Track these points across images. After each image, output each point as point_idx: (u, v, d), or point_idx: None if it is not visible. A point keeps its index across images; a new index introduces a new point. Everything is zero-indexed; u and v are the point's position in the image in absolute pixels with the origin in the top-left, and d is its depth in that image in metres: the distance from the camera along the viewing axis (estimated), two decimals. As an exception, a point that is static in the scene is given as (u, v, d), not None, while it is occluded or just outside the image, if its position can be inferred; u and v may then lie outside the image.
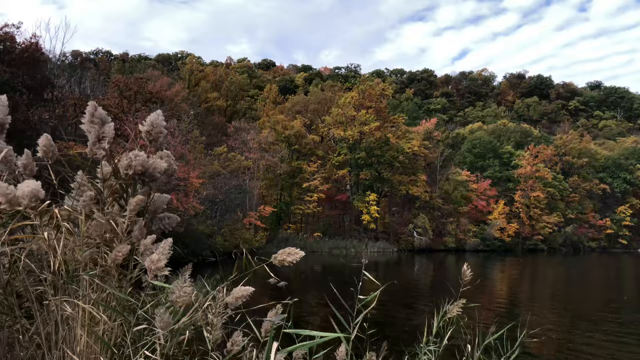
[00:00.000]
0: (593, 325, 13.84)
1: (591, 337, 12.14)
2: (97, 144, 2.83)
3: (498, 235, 68.76)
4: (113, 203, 2.95)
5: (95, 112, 2.87)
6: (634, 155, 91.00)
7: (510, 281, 29.71)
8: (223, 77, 71.71)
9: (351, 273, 33.50)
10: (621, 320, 15.09)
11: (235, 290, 2.93)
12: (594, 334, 12.60)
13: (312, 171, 58.42)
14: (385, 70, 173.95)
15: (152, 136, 2.97)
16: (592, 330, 13.03)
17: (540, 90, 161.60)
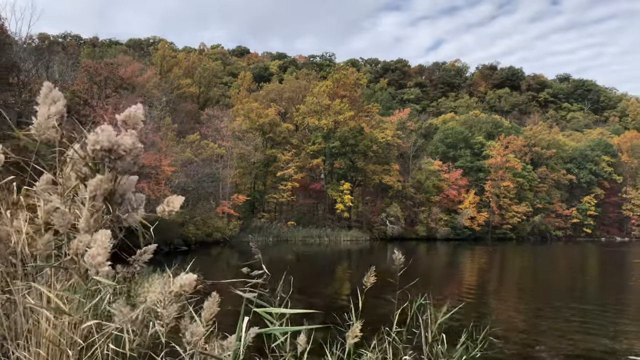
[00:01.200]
0: (557, 312, 14.31)
1: (555, 323, 12.57)
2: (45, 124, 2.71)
3: (468, 224, 70.05)
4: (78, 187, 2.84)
5: (50, 93, 2.79)
6: (599, 146, 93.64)
7: (479, 269, 30.39)
8: (196, 64, 70.66)
9: (324, 261, 33.78)
10: (584, 307, 15.65)
11: (178, 279, 2.84)
12: (557, 320, 13.04)
13: (286, 160, 58.32)
14: (360, 59, 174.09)
15: (128, 126, 2.88)
16: (556, 317, 13.48)
17: (512, 81, 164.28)
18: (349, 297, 16.36)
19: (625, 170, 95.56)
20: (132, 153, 2.79)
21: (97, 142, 2.66)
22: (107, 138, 2.66)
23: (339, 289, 18.93)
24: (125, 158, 2.76)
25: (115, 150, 2.69)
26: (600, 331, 11.52)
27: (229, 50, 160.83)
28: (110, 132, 2.68)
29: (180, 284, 2.80)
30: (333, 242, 54.22)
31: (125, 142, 2.74)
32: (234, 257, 34.17)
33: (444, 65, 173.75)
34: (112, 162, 2.75)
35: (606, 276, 27.49)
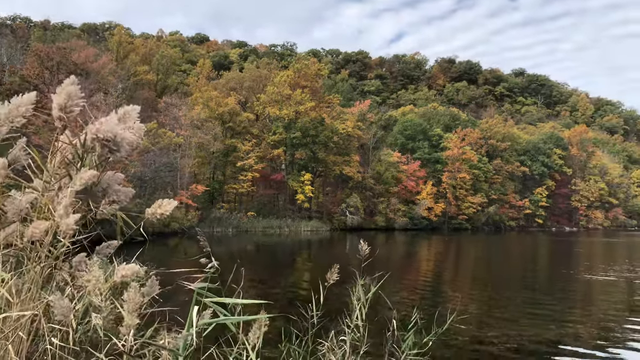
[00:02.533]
0: (508, 300, 14.85)
1: (507, 311, 13.04)
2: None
3: (426, 215, 71.49)
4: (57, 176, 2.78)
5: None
6: (551, 139, 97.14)
7: (436, 259, 31.11)
8: (154, 51, 68.85)
9: (285, 252, 33.81)
10: (534, 295, 16.29)
11: (120, 269, 2.78)
12: (509, 307, 13.53)
13: (246, 150, 57.81)
14: (321, 50, 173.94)
15: (65, 110, 2.77)
16: (507, 305, 13.98)
17: (469, 75, 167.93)
18: (309, 287, 16.45)
19: (575, 162, 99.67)
20: (132, 146, 2.81)
21: (98, 131, 2.63)
22: (110, 129, 2.66)
23: (298, 279, 19.01)
24: (122, 150, 2.76)
25: (116, 141, 2.68)
26: (548, 318, 12.03)
27: (188, 37, 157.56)
28: (114, 123, 2.67)
29: (122, 274, 2.75)
30: (293, 233, 54.31)
31: (127, 136, 2.78)
32: (192, 248, 33.76)
33: (404, 57, 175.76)
34: (110, 152, 2.75)
35: (555, 265, 28.65)
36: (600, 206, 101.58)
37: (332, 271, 4.31)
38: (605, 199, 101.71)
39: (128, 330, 2.58)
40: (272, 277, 18.75)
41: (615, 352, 8.90)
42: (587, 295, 16.17)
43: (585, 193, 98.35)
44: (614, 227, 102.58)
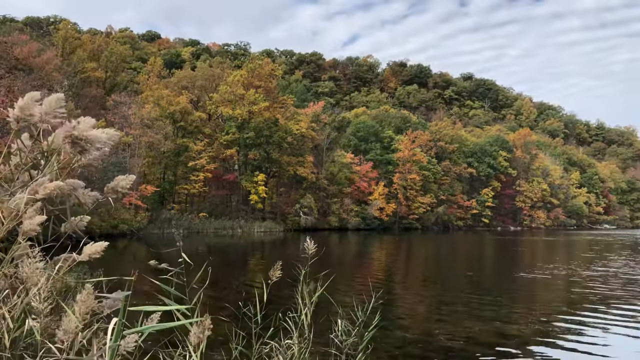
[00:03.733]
0: (455, 298, 15.36)
1: (454, 309, 13.50)
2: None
3: (378, 215, 72.63)
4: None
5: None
6: (497, 142, 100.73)
7: (387, 258, 31.70)
8: (102, 47, 66.57)
9: (237, 253, 33.56)
10: (480, 293, 16.92)
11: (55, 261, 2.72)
12: (456, 306, 14.00)
13: (198, 150, 56.92)
14: (275, 50, 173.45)
15: (21, 120, 2.74)
16: (455, 303, 14.47)
17: (420, 78, 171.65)
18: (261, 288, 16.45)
19: (519, 164, 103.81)
20: (104, 147, 2.79)
21: (74, 130, 2.60)
22: (85, 129, 2.64)
23: (251, 280, 18.97)
24: (94, 152, 2.75)
25: (89, 141, 2.65)
26: (493, 315, 12.55)
27: (138, 34, 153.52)
28: (91, 124, 2.66)
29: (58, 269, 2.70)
30: (246, 234, 53.94)
31: (102, 137, 2.76)
32: (141, 250, 32.97)
33: (357, 60, 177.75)
34: (82, 153, 2.71)
35: (500, 264, 29.79)
36: (542, 206, 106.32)
37: (274, 268, 4.41)
38: (547, 200, 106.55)
39: (68, 336, 2.45)
40: (224, 279, 18.61)
41: (554, 346, 9.41)
42: (529, 292, 16.94)
43: (528, 194, 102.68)
44: (555, 226, 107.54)
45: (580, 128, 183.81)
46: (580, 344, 9.49)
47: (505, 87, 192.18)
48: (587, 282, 18.63)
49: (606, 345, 9.49)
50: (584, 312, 12.79)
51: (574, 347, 9.31)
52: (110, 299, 2.76)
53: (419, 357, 8.64)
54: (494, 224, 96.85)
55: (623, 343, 9.69)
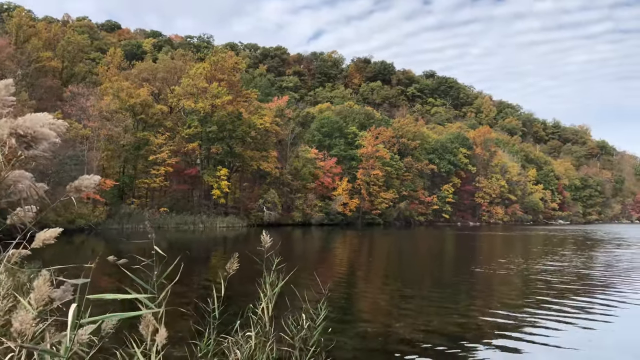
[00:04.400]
0: (416, 291, 15.63)
1: (414, 303, 13.75)
2: None
3: (341, 210, 73.12)
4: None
5: None
6: (457, 139, 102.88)
7: (350, 253, 31.96)
8: (59, 36, 64.29)
9: (199, 249, 33.15)
10: (440, 286, 17.28)
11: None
12: (416, 299, 14.26)
13: (159, 143, 55.86)
14: (239, 43, 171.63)
15: None
16: (415, 296, 14.72)
17: (384, 75, 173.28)
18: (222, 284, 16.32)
19: (479, 161, 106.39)
20: (49, 142, 2.68)
21: (18, 127, 2.50)
22: (31, 125, 2.54)
23: (213, 276, 18.77)
24: (40, 146, 2.64)
25: (36, 139, 2.56)
26: (452, 308, 12.84)
27: (97, 24, 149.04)
28: (39, 122, 2.56)
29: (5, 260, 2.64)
30: (208, 229, 53.33)
31: (51, 134, 2.70)
32: (99, 245, 32.17)
33: (322, 55, 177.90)
34: (27, 149, 2.64)
35: (459, 259, 30.48)
36: (500, 202, 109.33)
37: (231, 261, 4.42)
38: (505, 196, 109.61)
39: (28, 327, 2.35)
40: (185, 274, 18.37)
41: (511, 337, 9.72)
42: (486, 285, 17.41)
43: (487, 190, 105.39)
44: (512, 221, 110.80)
45: (537, 126, 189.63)
46: (535, 336, 9.82)
47: (466, 85, 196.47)
48: (541, 276, 19.29)
49: (560, 336, 9.86)
50: (539, 304, 13.25)
51: (530, 338, 9.63)
52: (67, 284, 2.70)
53: (380, 350, 8.76)
54: (454, 219, 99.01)
55: (576, 334, 10.09)
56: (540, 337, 9.68)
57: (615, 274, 19.80)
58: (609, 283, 17.34)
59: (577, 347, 9.16)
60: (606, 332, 10.33)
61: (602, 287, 16.36)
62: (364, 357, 8.35)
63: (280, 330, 5.48)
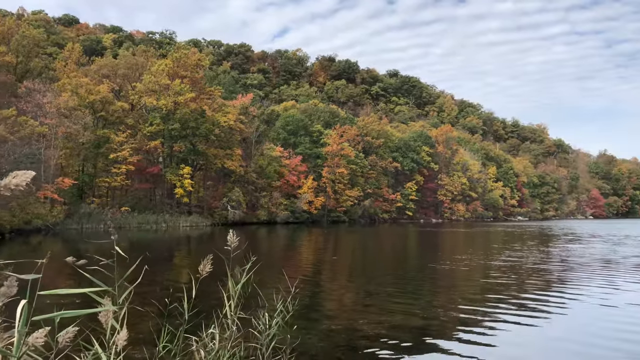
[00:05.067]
0: (380, 288, 15.84)
1: (378, 298, 13.94)
2: None
3: (306, 208, 73.23)
4: None
5: None
6: (420, 138, 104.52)
7: (315, 251, 32.07)
8: (13, 30, 61.92)
9: (162, 248, 32.62)
10: (403, 282, 17.56)
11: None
12: (380, 295, 14.46)
13: (120, 141, 54.60)
14: (203, 40, 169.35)
15: None
16: (379, 293, 14.92)
17: (348, 74, 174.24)
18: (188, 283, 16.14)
19: (441, 159, 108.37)
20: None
21: None
22: None
23: (176, 276, 18.54)
24: None
25: None
26: (415, 304, 13.09)
27: (54, 18, 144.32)
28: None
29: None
30: (172, 228, 52.53)
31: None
32: (57, 245, 31.24)
33: (286, 53, 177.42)
34: None
35: (422, 255, 31.03)
36: (462, 199, 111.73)
37: (204, 263, 4.40)
38: (466, 193, 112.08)
39: None
40: (147, 275, 18.07)
41: (471, 331, 9.98)
42: (448, 281, 17.80)
43: (449, 187, 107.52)
44: (474, 218, 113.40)
45: (497, 125, 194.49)
46: (494, 330, 10.13)
47: (429, 84, 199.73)
48: (499, 271, 19.86)
49: (518, 330, 10.21)
50: (498, 299, 13.65)
51: (489, 332, 9.93)
52: (12, 278, 2.62)
53: (344, 346, 8.86)
54: (417, 216, 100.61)
55: (532, 327, 10.46)
56: (499, 331, 10.00)
57: (567, 268, 20.61)
58: (562, 277, 18.05)
59: (532, 339, 9.51)
60: (558, 323, 10.76)
61: (555, 281, 17.02)
62: (329, 353, 8.43)
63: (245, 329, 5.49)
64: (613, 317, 11.19)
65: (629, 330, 9.98)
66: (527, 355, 8.58)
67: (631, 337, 9.36)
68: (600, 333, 9.91)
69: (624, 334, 9.74)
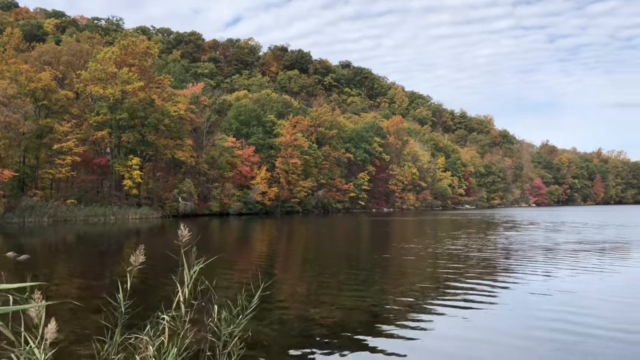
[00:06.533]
0: (333, 276, 16.11)
1: (330, 286, 14.18)
2: None
3: (260, 199, 72.90)
4: None
5: None
6: (372, 129, 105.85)
7: (269, 242, 32.11)
8: (-57, 11, 58.27)
9: (110, 242, 31.78)
10: (355, 270, 17.91)
11: None
12: (332, 283, 14.71)
13: (65, 131, 52.54)
14: (152, 27, 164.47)
15: None
16: (332, 281, 15.17)
17: (301, 64, 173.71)
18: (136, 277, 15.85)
19: (392, 150, 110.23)
20: None
21: None
22: None
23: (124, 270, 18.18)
24: None
25: None
26: (366, 291, 13.42)
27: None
28: None
29: None
30: (120, 221, 51.17)
31: None
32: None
33: (238, 42, 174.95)
34: None
35: (374, 244, 31.63)
36: (412, 189, 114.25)
37: (136, 254, 4.39)
38: (416, 183, 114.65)
39: None
40: (94, 269, 17.62)
41: (420, 319, 10.37)
42: (398, 269, 18.30)
43: (400, 177, 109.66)
44: (423, 207, 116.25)
45: (446, 116, 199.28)
46: (443, 315, 10.56)
47: (380, 76, 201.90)
48: (445, 258, 20.58)
49: (465, 315, 10.68)
50: (445, 285, 14.20)
51: (436, 317, 10.34)
52: None
53: (296, 336, 9.02)
54: (369, 206, 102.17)
55: (479, 311, 10.97)
56: (445, 316, 10.44)
57: (502, 256, 21.65)
58: (497, 265, 18.95)
59: (480, 323, 9.99)
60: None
61: (491, 269, 17.86)
62: (281, 344, 8.57)
63: (196, 322, 5.53)
64: (543, 305, 11.80)
65: (559, 319, 10.56)
66: (457, 346, 9.00)
67: (561, 326, 9.89)
68: (532, 324, 10.47)
69: (555, 323, 10.33)
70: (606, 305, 11.61)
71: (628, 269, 17.60)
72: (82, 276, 15.89)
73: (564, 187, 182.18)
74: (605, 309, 11.20)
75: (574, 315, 10.45)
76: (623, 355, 7.91)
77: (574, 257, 20.50)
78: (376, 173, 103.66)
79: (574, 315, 10.46)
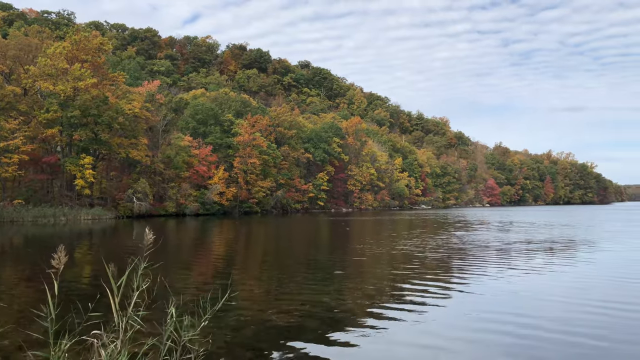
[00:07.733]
0: (291, 277, 16.13)
1: (288, 288, 14.20)
2: None
3: (217, 199, 72.01)
4: None
5: None
6: (331, 129, 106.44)
7: (226, 243, 31.80)
8: None
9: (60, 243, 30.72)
10: (314, 271, 18.00)
11: None
12: (291, 285, 14.74)
13: (11, 129, 50.39)
14: (105, 23, 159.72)
15: None
16: (290, 282, 15.20)
17: (260, 63, 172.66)
18: (88, 281, 15.43)
19: (351, 150, 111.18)
20: None
21: None
22: None
23: (76, 274, 17.62)
24: None
25: None
26: (325, 292, 13.51)
27: None
28: None
29: None
30: (71, 222, 49.49)
31: None
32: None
33: (196, 40, 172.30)
34: None
35: (332, 244, 31.84)
36: (370, 189, 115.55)
37: (59, 255, 4.28)
38: (374, 183, 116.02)
39: None
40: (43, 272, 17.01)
41: (379, 317, 10.53)
42: (356, 268, 18.50)
43: (358, 177, 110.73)
44: (381, 207, 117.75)
45: (403, 118, 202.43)
46: (402, 312, 10.77)
47: (339, 76, 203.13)
48: (402, 258, 20.97)
49: (424, 312, 10.92)
50: (403, 284, 14.47)
51: (396, 316, 10.53)
52: None
53: (253, 338, 9.01)
54: (328, 206, 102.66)
55: (437, 309, 11.24)
56: (404, 314, 10.65)
57: (449, 256, 22.27)
58: (444, 265, 19.48)
59: (439, 321, 10.24)
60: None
61: (438, 270, 18.35)
62: (238, 346, 8.54)
63: (151, 327, 5.45)
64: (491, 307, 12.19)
65: (509, 321, 10.94)
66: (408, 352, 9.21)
67: (511, 329, 10.27)
68: (482, 326, 10.79)
69: (505, 326, 10.71)
70: (552, 306, 12.14)
71: (574, 268, 18.42)
72: (29, 280, 15.31)
73: (516, 187, 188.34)
74: (551, 310, 11.71)
75: (523, 318, 10.84)
76: (568, 356, 8.28)
77: (522, 257, 21.30)
78: (335, 173, 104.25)
79: (523, 318, 10.84)
